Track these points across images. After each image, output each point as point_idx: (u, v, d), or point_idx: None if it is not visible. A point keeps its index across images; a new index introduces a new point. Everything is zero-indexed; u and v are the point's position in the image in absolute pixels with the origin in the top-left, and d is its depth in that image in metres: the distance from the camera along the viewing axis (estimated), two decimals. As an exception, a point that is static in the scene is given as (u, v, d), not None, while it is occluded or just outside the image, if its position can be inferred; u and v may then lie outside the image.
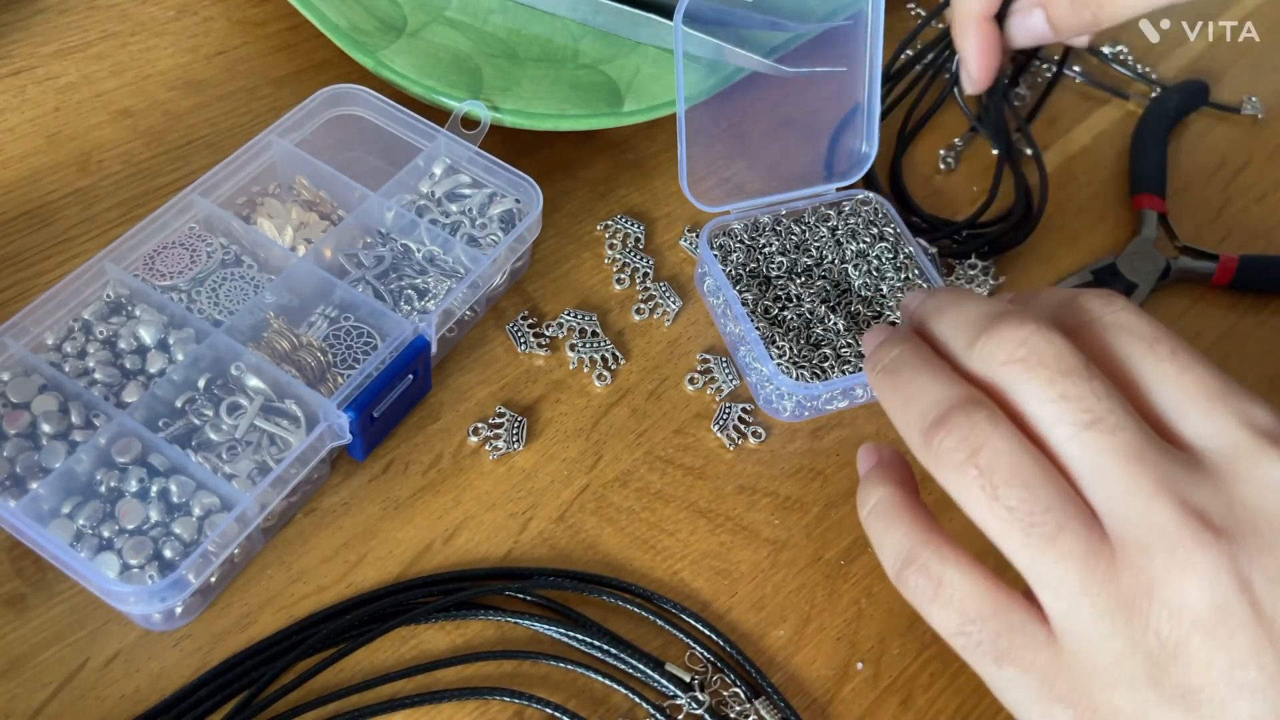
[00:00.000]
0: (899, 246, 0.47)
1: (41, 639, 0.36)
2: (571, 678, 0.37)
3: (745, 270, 0.46)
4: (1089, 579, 0.25)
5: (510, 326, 0.45)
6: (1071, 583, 0.25)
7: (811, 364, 0.43)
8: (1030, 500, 0.25)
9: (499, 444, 0.42)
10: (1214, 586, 0.25)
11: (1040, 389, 0.27)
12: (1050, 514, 0.25)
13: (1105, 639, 0.26)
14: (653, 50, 0.51)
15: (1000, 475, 0.26)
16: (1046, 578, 0.26)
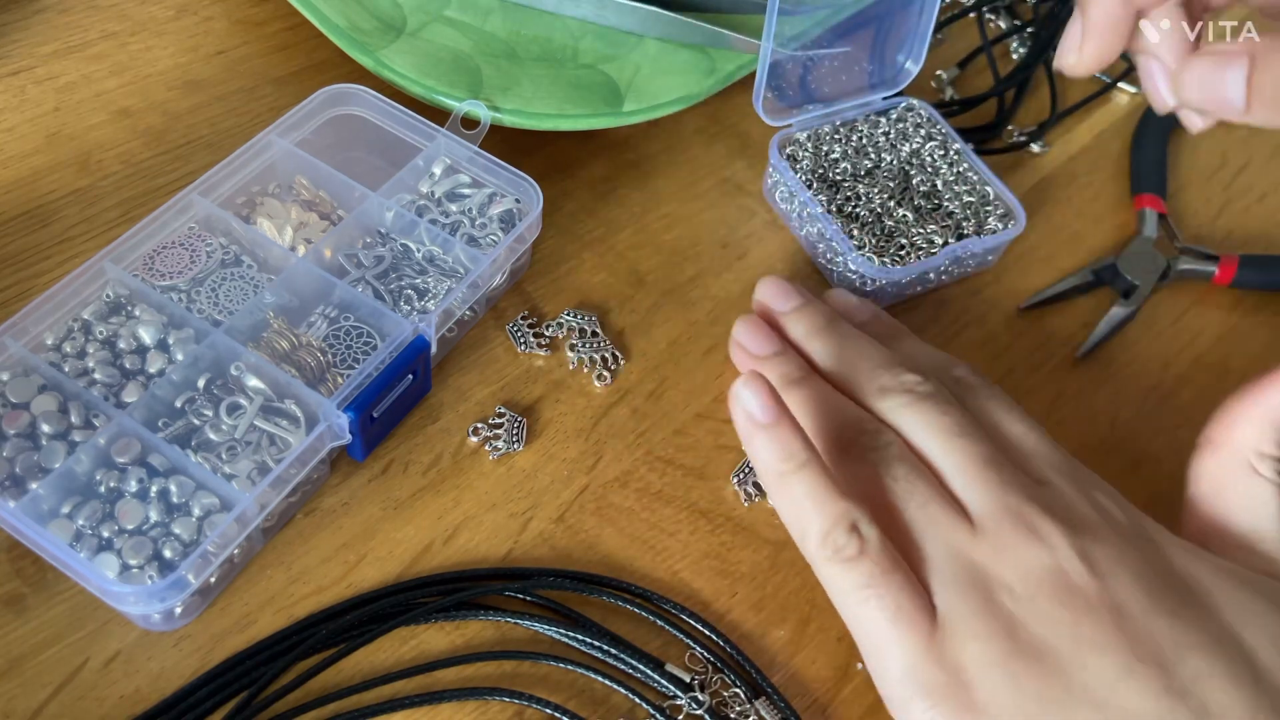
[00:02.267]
0: (947, 145, 0.51)
1: (41, 639, 0.36)
2: (571, 678, 0.37)
3: (814, 176, 0.49)
4: (955, 542, 0.34)
5: (510, 326, 0.45)
6: (941, 547, 0.34)
7: (889, 252, 0.46)
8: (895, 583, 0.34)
9: (499, 444, 0.42)
10: (1056, 551, 0.33)
11: (923, 416, 0.37)
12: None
13: (965, 596, 0.33)
14: (653, 50, 0.51)
15: (878, 568, 0.34)
16: (928, 550, 0.34)
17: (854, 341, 0.41)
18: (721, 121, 0.54)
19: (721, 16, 0.52)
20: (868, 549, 0.33)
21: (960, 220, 0.48)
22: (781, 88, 0.50)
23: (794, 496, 0.35)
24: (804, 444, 0.35)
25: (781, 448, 0.35)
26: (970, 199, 0.49)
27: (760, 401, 0.36)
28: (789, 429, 0.35)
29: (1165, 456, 0.45)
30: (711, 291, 0.48)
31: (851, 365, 0.40)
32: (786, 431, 0.35)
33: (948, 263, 0.47)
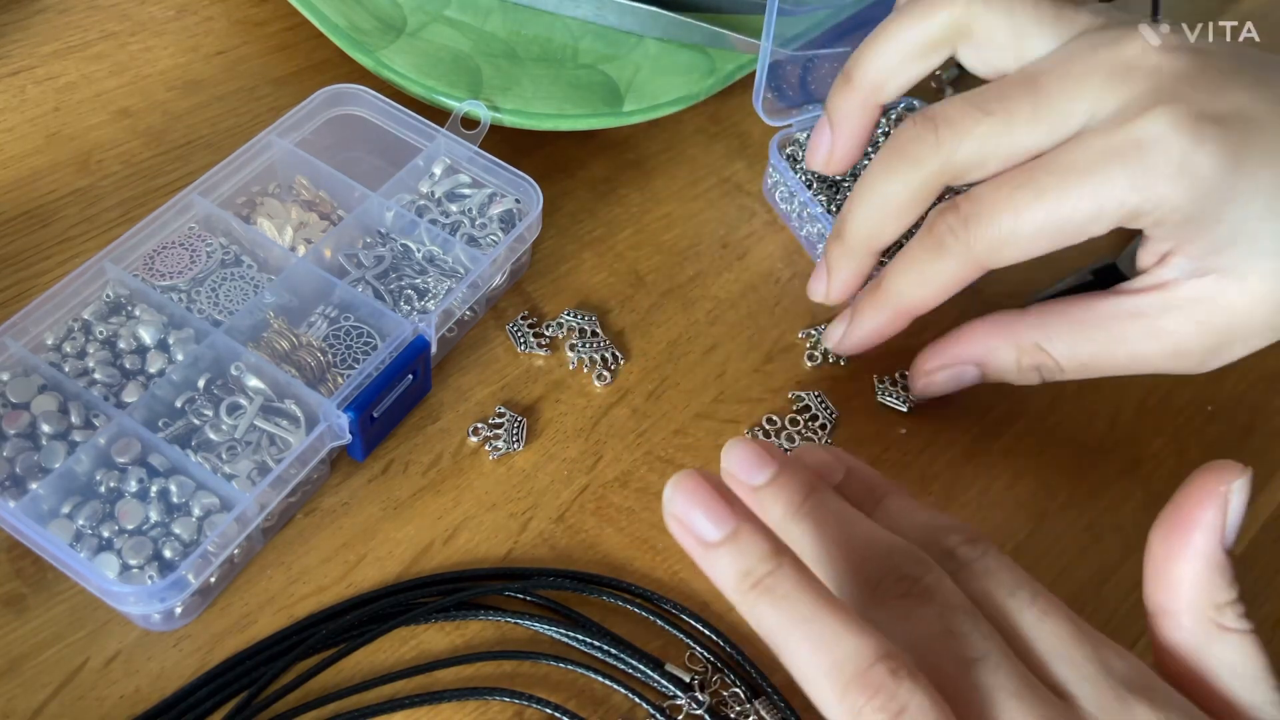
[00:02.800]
0: None
1: (41, 639, 0.36)
2: (571, 678, 0.37)
3: (814, 176, 0.49)
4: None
5: (510, 326, 0.45)
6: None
7: (889, 252, 0.45)
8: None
9: (499, 444, 0.42)
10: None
11: (932, 623, 0.27)
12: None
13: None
14: (653, 50, 0.51)
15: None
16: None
17: (844, 521, 0.30)
18: (721, 121, 0.54)
19: (721, 16, 0.52)
20: (919, 706, 0.24)
21: None
22: (781, 88, 0.50)
23: (790, 617, 0.25)
24: (780, 545, 0.26)
25: (754, 550, 0.26)
26: None
27: (707, 514, 0.26)
28: (758, 532, 0.26)
29: (1165, 456, 0.45)
30: (711, 291, 0.48)
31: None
32: (755, 534, 0.26)
33: None
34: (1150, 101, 0.34)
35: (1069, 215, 0.35)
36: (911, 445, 0.44)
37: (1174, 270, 0.36)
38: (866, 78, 0.40)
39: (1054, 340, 0.39)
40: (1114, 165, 0.34)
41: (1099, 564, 0.42)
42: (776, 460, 0.29)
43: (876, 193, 0.39)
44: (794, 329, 0.47)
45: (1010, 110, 0.36)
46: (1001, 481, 0.44)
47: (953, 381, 0.42)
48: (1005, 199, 0.36)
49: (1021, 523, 0.43)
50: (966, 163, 0.37)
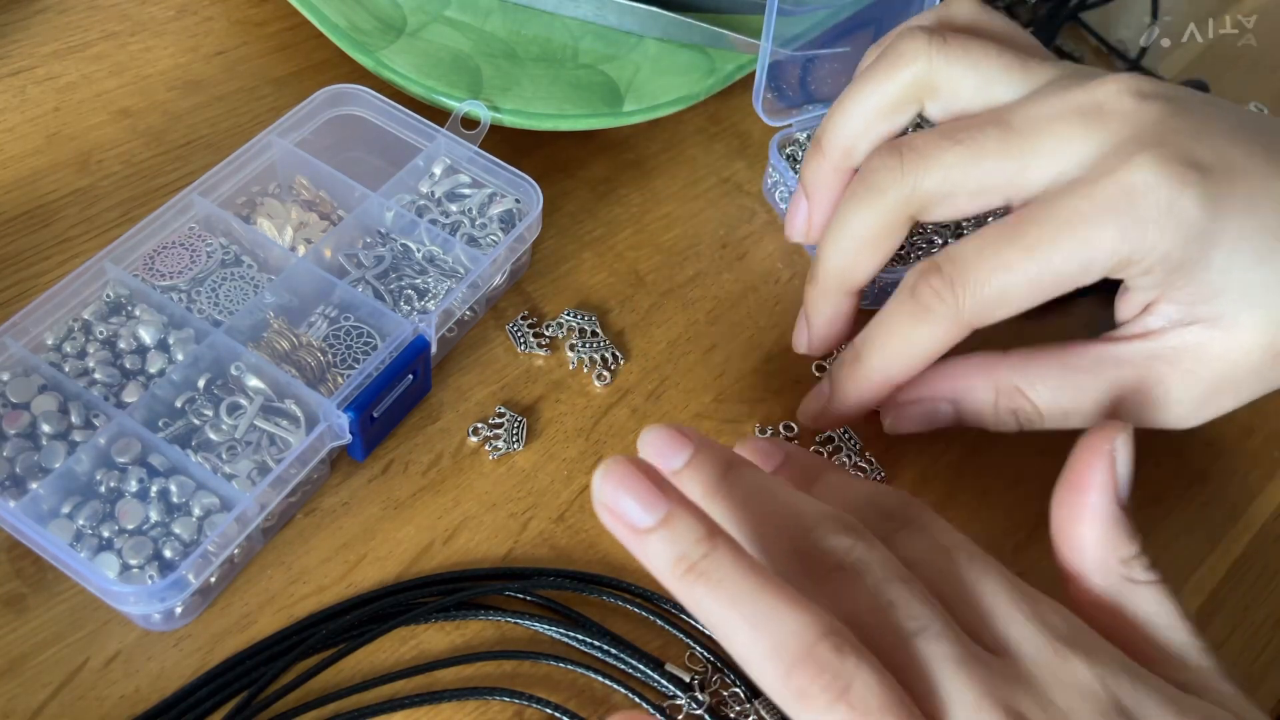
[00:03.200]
0: None
1: (41, 639, 0.36)
2: (571, 678, 0.37)
3: None
4: (992, 685, 0.26)
5: (510, 326, 0.45)
6: (968, 692, 0.26)
7: None
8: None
9: (499, 444, 0.42)
10: (1106, 690, 0.27)
11: (869, 597, 0.27)
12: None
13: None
14: (653, 50, 0.51)
15: (873, 712, 0.24)
16: (949, 696, 0.26)
17: (765, 493, 0.30)
18: (721, 121, 0.54)
19: (721, 16, 0.52)
20: (865, 683, 0.24)
21: (960, 220, 0.48)
22: (781, 88, 0.50)
23: (728, 599, 0.25)
24: (714, 526, 0.26)
25: (687, 534, 0.26)
26: None
27: (638, 499, 0.26)
28: (690, 515, 0.26)
29: (1165, 456, 0.45)
30: (711, 291, 0.48)
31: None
32: (688, 517, 0.26)
33: None
34: (1133, 148, 0.34)
35: (1059, 268, 0.34)
36: (911, 445, 0.44)
37: (1161, 319, 0.36)
38: (836, 144, 0.40)
39: (1035, 385, 0.38)
40: (1103, 215, 0.33)
41: (1099, 564, 0.42)
42: (692, 441, 0.29)
43: (846, 227, 0.38)
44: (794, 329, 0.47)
45: (979, 141, 0.35)
46: (1001, 481, 0.44)
47: (925, 419, 0.40)
48: (992, 256, 0.35)
49: (1021, 523, 0.43)
50: (933, 193, 0.36)
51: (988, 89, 0.37)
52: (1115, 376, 0.37)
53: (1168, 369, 0.36)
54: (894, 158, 0.37)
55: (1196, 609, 0.42)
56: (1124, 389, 0.37)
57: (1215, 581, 0.43)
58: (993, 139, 0.35)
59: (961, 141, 0.36)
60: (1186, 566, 0.43)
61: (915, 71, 0.38)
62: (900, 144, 0.37)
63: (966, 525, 0.42)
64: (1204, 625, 0.42)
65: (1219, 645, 0.41)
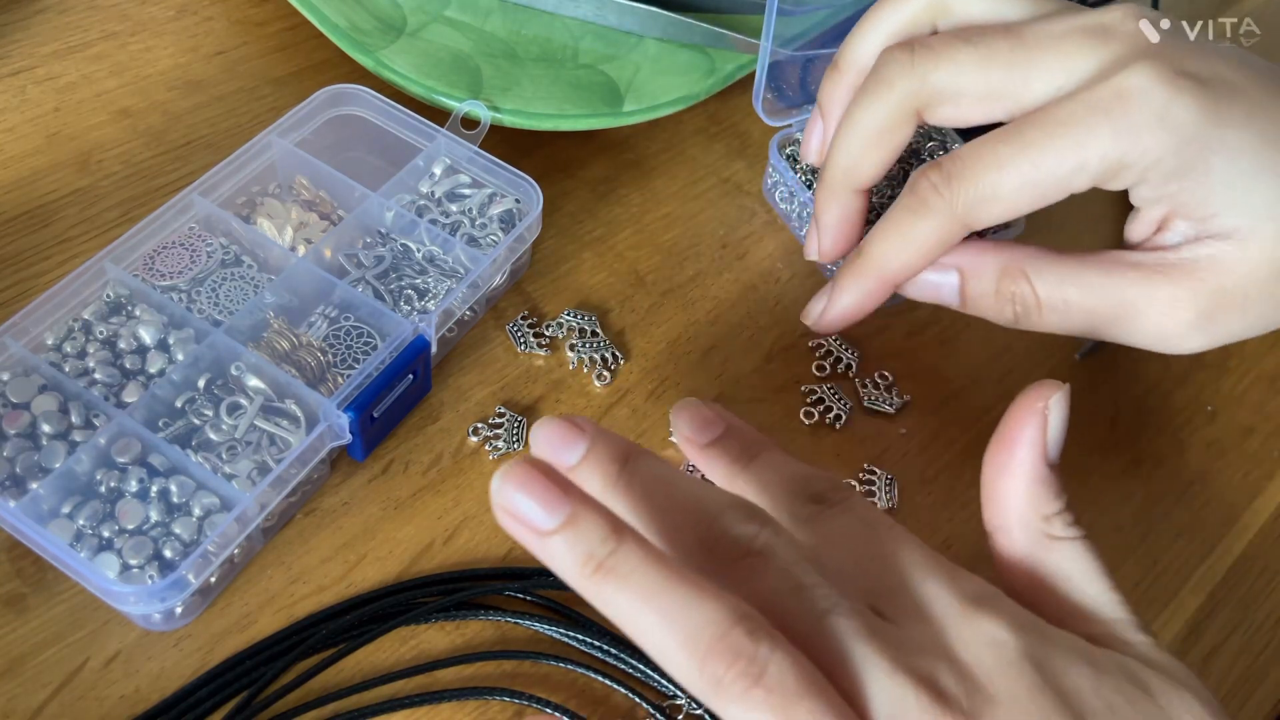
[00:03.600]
0: (947, 144, 0.50)
1: (41, 639, 0.36)
2: (571, 678, 0.37)
3: (814, 176, 0.48)
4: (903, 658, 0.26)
5: (510, 326, 0.45)
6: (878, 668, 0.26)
7: None
8: (821, 711, 0.24)
9: (499, 444, 0.42)
10: (1013, 647, 0.27)
11: (777, 581, 0.26)
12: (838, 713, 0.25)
13: None
14: (653, 50, 0.51)
15: (789, 694, 0.24)
16: (863, 675, 0.26)
17: (666, 484, 0.28)
18: (721, 121, 0.54)
19: (721, 16, 0.52)
20: (779, 666, 0.24)
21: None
22: (781, 88, 0.50)
23: (638, 594, 0.24)
24: (619, 522, 0.25)
25: (592, 532, 0.25)
26: None
27: (539, 501, 0.25)
28: (594, 513, 0.25)
29: (1165, 456, 0.45)
30: (711, 291, 0.48)
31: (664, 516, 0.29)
32: (592, 515, 0.25)
33: None
34: (1131, 58, 0.35)
35: (1052, 169, 0.35)
36: (911, 445, 0.44)
37: (1174, 235, 0.36)
38: (853, 62, 0.41)
39: (1042, 271, 0.37)
40: (1096, 116, 0.34)
41: (1099, 564, 0.42)
42: (587, 433, 0.28)
43: (854, 122, 0.39)
44: (794, 329, 0.47)
45: (990, 45, 0.36)
46: (1001, 481, 0.44)
47: (931, 288, 0.39)
48: (989, 153, 0.36)
49: (1021, 523, 0.43)
50: (940, 88, 0.37)
51: (998, 10, 0.38)
52: (1123, 278, 0.37)
53: (1180, 277, 0.36)
54: (904, 52, 0.37)
55: (1196, 609, 0.42)
56: (1131, 290, 0.36)
57: (1215, 581, 0.43)
58: (1003, 46, 0.36)
59: (974, 43, 0.36)
60: (1186, 566, 0.43)
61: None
62: (912, 40, 0.38)
63: (966, 525, 0.43)
64: (1204, 625, 0.42)
65: (1219, 645, 0.41)
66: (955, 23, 0.39)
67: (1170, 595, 0.42)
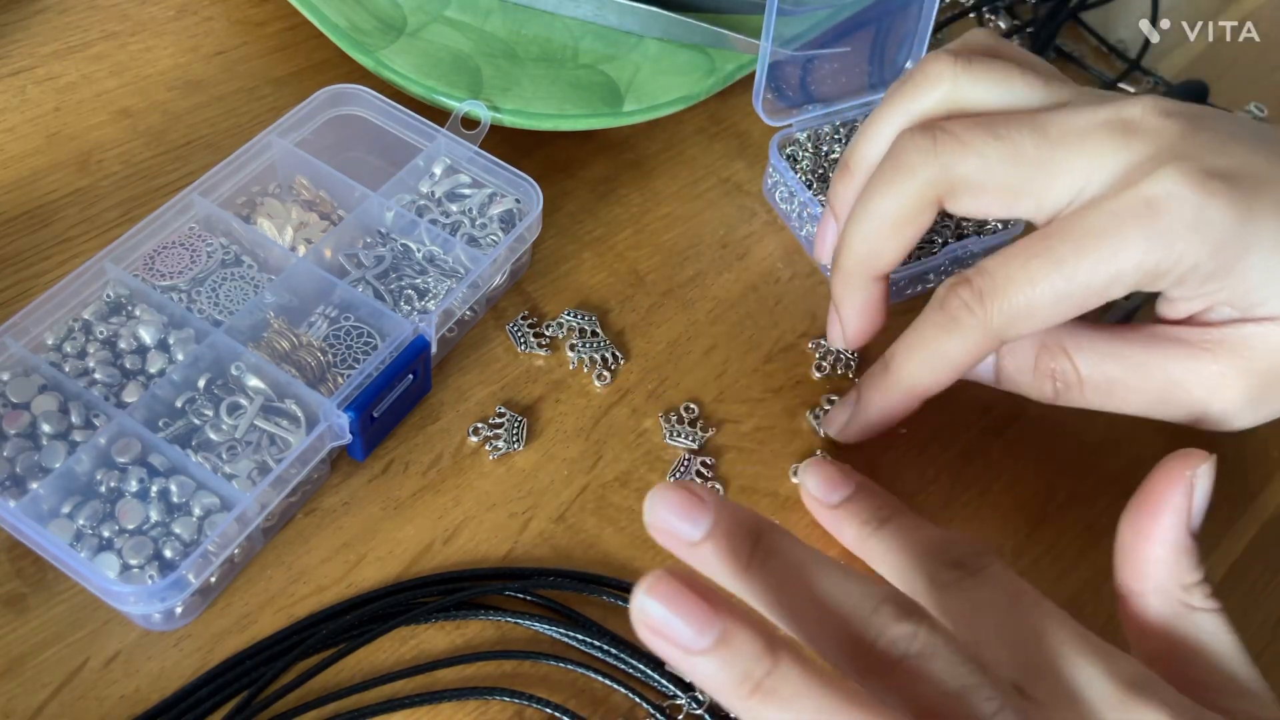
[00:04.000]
0: None
1: (41, 639, 0.36)
2: (571, 678, 0.37)
3: (814, 176, 0.49)
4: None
5: (510, 326, 0.45)
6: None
7: None
8: None
9: (499, 444, 0.42)
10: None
11: (939, 684, 0.25)
12: None
13: None
14: (653, 50, 0.51)
15: None
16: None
17: (806, 571, 0.27)
18: (721, 121, 0.54)
19: (721, 16, 0.52)
20: None
21: (960, 220, 0.48)
22: (781, 88, 0.50)
23: (803, 717, 0.23)
24: (773, 637, 0.24)
25: (747, 650, 0.23)
26: None
27: (687, 620, 0.23)
28: (747, 630, 0.24)
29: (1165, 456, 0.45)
30: (711, 291, 0.48)
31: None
32: (746, 633, 0.24)
33: (947, 263, 0.47)
34: (1157, 162, 0.34)
35: (1087, 281, 0.34)
36: (911, 445, 0.44)
37: (1219, 314, 0.35)
38: (864, 163, 0.40)
39: (1083, 348, 0.37)
40: (1128, 227, 0.33)
41: (1099, 564, 0.42)
42: (710, 506, 0.26)
43: (871, 208, 0.38)
44: (794, 329, 0.47)
45: (1015, 141, 0.35)
46: (1001, 481, 0.44)
47: None
48: (1020, 269, 0.34)
49: (1021, 523, 0.43)
50: (963, 179, 0.36)
51: (1015, 100, 0.37)
52: (1167, 354, 0.36)
53: (1224, 354, 0.35)
54: (927, 139, 0.36)
55: (1196, 609, 0.42)
56: (1174, 369, 0.36)
57: (1215, 581, 0.42)
58: (1029, 142, 0.35)
59: (1000, 137, 0.35)
60: (1186, 566, 0.43)
61: (943, 90, 0.38)
62: (934, 126, 0.37)
63: (966, 525, 0.42)
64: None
65: (1219, 645, 0.41)
66: (969, 114, 0.38)
67: (1170, 595, 0.42)
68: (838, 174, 0.42)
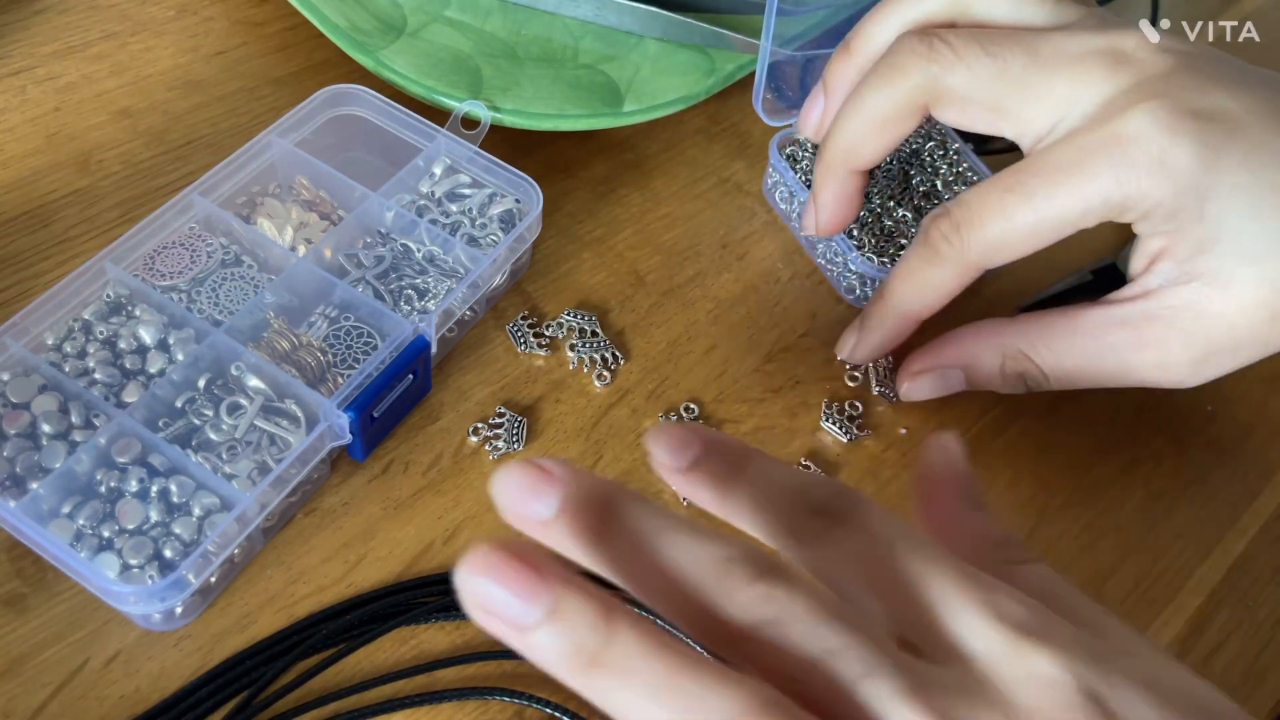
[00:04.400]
0: (947, 144, 0.50)
1: (41, 639, 0.36)
2: (571, 678, 0.37)
3: (813, 159, 0.48)
4: None
5: (510, 326, 0.45)
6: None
7: (889, 252, 0.47)
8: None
9: (499, 444, 0.42)
10: None
11: (800, 648, 0.23)
12: None
13: None
14: (653, 50, 0.51)
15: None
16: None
17: (654, 537, 0.24)
18: (721, 121, 0.54)
19: (721, 16, 0.52)
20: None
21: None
22: (781, 88, 0.50)
23: (643, 690, 0.21)
24: (610, 603, 0.22)
25: (579, 620, 0.22)
26: None
27: (515, 592, 0.21)
28: (580, 596, 0.22)
29: (1165, 456, 0.45)
30: (711, 291, 0.48)
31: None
32: (578, 600, 0.22)
33: None
34: (1135, 97, 0.35)
35: (1058, 214, 0.36)
36: (911, 445, 0.44)
37: (1159, 277, 0.37)
38: (866, 48, 0.41)
39: (1039, 348, 0.39)
40: (1098, 161, 0.35)
41: (1099, 564, 0.42)
42: (557, 480, 0.23)
43: (861, 104, 0.39)
44: (794, 329, 0.47)
45: (1006, 61, 0.37)
46: (1001, 481, 0.44)
47: (938, 385, 0.43)
48: (995, 203, 0.37)
49: (1021, 523, 0.43)
50: (950, 90, 0.37)
51: (1019, 13, 0.38)
52: (1116, 339, 0.38)
53: (1166, 330, 0.37)
54: (923, 44, 0.38)
55: (1196, 609, 0.42)
56: (1125, 350, 0.38)
57: (1215, 581, 0.43)
58: (1019, 62, 0.36)
59: (992, 54, 0.37)
60: (1186, 566, 0.43)
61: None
62: (932, 33, 0.38)
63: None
64: (1204, 625, 0.42)
65: (1219, 645, 0.41)
66: (974, 22, 0.39)
67: (1170, 595, 0.42)
68: (837, 52, 0.42)
